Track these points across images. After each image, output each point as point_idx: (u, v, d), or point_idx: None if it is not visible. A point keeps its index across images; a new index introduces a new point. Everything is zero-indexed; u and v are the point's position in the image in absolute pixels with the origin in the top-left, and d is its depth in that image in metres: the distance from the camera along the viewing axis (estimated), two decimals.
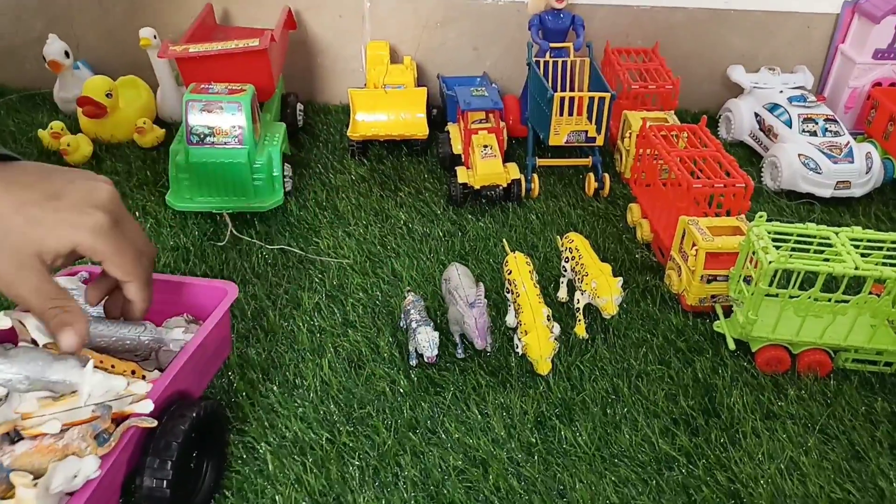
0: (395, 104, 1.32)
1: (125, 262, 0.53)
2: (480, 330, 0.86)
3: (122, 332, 0.73)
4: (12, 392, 0.63)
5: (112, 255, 0.51)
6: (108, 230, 0.51)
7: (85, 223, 0.49)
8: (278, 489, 0.75)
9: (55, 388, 0.62)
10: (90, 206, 0.50)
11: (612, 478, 0.77)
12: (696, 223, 1.00)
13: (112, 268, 0.52)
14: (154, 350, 0.75)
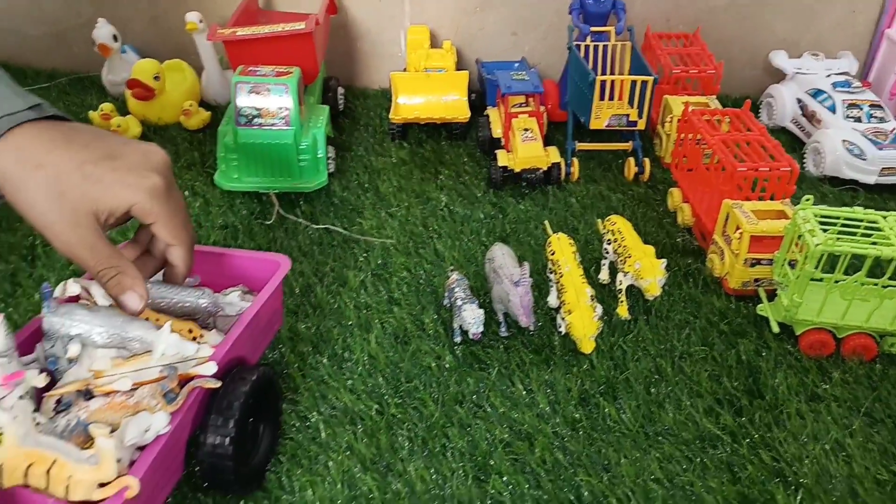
0: (436, 87, 1.33)
1: (176, 226, 0.54)
2: (525, 308, 0.87)
3: (181, 296, 0.75)
4: (86, 350, 0.66)
5: (165, 217, 0.52)
6: (163, 193, 0.52)
7: (142, 185, 0.50)
8: (331, 456, 0.77)
9: (131, 345, 0.65)
10: (146, 168, 0.51)
11: (657, 454, 0.78)
12: (740, 206, 1.00)
13: (162, 230, 0.52)
14: (211, 315, 0.78)
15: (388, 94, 1.54)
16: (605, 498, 0.73)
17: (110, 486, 0.56)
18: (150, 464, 0.59)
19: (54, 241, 0.47)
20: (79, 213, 0.46)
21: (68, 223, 0.46)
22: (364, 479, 0.75)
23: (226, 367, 0.71)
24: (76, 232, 0.46)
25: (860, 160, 1.23)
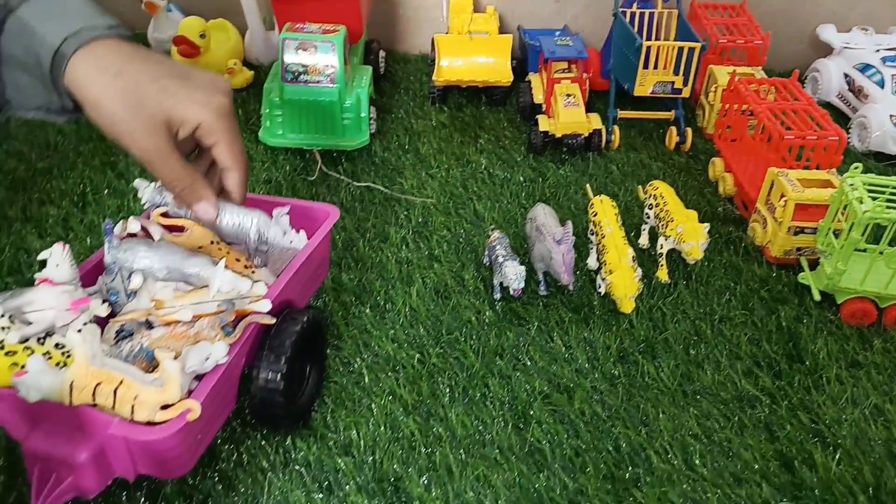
0: (479, 50, 1.33)
1: (235, 149, 0.56)
2: (568, 265, 0.88)
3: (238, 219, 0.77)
4: (147, 283, 0.68)
5: (228, 138, 0.53)
6: (227, 114, 0.54)
7: (211, 103, 0.52)
8: (374, 399, 0.79)
9: (189, 280, 0.67)
10: (214, 90, 0.53)
11: (694, 412, 0.79)
12: (785, 175, 0.99)
13: (223, 152, 0.54)
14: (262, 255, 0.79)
15: (427, 60, 1.54)
16: (643, 450, 0.75)
17: (173, 408, 0.58)
18: (210, 391, 0.61)
19: (132, 147, 0.49)
20: (155, 121, 0.48)
21: (146, 130, 0.48)
22: (406, 423, 0.77)
23: (277, 307, 0.73)
24: (153, 140, 0.48)
25: None
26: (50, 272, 0.66)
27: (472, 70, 1.33)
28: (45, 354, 0.60)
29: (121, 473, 0.62)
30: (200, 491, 0.69)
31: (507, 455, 0.74)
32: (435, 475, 0.72)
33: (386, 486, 0.70)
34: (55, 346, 0.62)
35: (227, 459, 0.72)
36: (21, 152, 1.22)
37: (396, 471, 0.72)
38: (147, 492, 0.68)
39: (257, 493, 0.69)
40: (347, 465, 0.72)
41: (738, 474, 0.72)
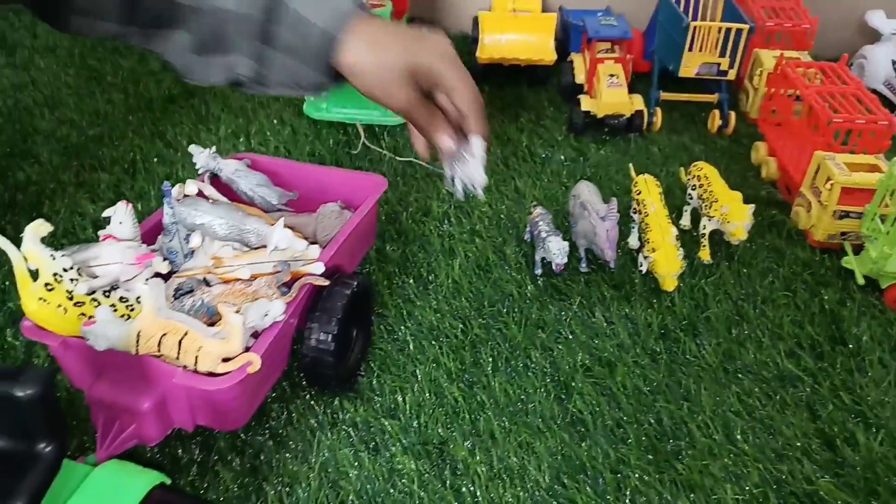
0: (523, 28, 1.33)
1: (469, 92, 0.60)
2: (612, 241, 0.89)
3: None
4: (206, 242, 0.70)
5: (462, 83, 0.59)
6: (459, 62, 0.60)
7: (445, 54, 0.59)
8: (418, 366, 0.81)
9: (247, 236, 0.69)
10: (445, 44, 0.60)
11: (736, 389, 0.79)
12: (832, 158, 0.98)
13: (459, 97, 0.59)
14: None
15: (469, 38, 1.54)
16: (685, 424, 0.75)
17: (234, 360, 0.60)
18: (267, 346, 0.63)
19: (389, 102, 0.57)
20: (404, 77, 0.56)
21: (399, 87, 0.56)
22: (450, 389, 0.78)
23: (328, 271, 0.75)
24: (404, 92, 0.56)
25: None
26: (114, 229, 0.69)
27: (514, 47, 1.33)
28: (111, 307, 0.63)
29: (180, 424, 0.64)
30: (252, 446, 0.71)
31: (550, 424, 0.75)
32: (478, 440, 0.73)
33: (431, 448, 0.72)
34: (119, 299, 0.64)
35: (277, 417, 0.74)
36: (72, 120, 1.25)
37: (441, 434, 0.73)
38: (202, 445, 0.70)
39: (307, 450, 0.71)
40: (393, 427, 0.73)
41: (780, 450, 0.73)
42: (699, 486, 0.69)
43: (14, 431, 0.48)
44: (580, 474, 0.70)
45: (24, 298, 0.61)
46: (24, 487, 0.47)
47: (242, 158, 0.89)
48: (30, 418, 0.48)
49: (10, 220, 1.01)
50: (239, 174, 0.87)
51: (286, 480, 0.68)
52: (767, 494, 0.69)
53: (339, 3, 0.56)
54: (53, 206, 1.04)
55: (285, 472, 0.69)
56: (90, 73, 1.40)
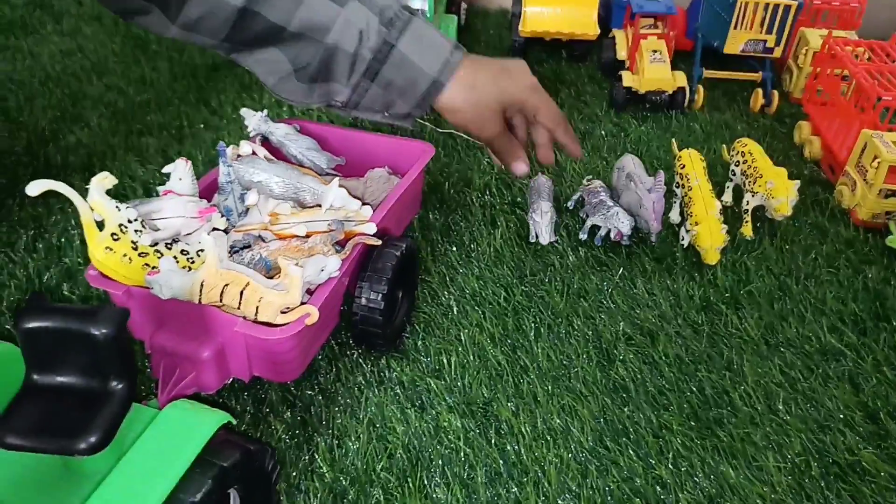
0: (566, 2, 1.33)
1: (552, 113, 0.67)
2: (658, 213, 0.89)
3: None
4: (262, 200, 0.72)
5: (545, 107, 0.66)
6: (540, 88, 0.67)
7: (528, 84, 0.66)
8: (462, 330, 0.82)
9: (302, 195, 0.71)
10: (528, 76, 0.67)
11: (779, 361, 0.80)
12: (880, 137, 0.97)
13: (545, 117, 0.66)
14: None
15: (507, 14, 1.54)
16: (727, 393, 0.76)
17: (293, 312, 0.62)
18: (324, 300, 0.64)
19: (479, 135, 0.64)
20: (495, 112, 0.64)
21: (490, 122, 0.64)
22: (494, 353, 0.80)
23: (379, 233, 0.77)
24: (493, 126, 0.64)
25: None
26: (174, 184, 0.70)
27: (557, 21, 1.32)
28: (173, 258, 0.65)
29: (237, 373, 0.66)
30: (302, 400, 0.73)
31: (592, 388, 0.76)
32: (522, 402, 0.74)
33: (475, 408, 0.74)
34: (181, 252, 0.66)
35: (326, 374, 0.76)
36: (119, 87, 1.27)
37: (485, 395, 0.75)
38: (254, 397, 0.73)
39: (355, 406, 0.73)
40: (439, 387, 0.75)
41: (822, 421, 0.73)
42: (741, 453, 0.70)
43: (89, 369, 0.50)
44: (623, 438, 0.71)
45: (91, 247, 0.63)
46: (99, 422, 0.49)
47: (292, 123, 0.91)
48: (104, 356, 0.50)
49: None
50: (290, 138, 0.88)
51: (336, 433, 0.70)
52: (810, 463, 0.69)
53: (444, 50, 0.61)
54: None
55: (334, 425, 0.71)
56: (136, 41, 1.43)
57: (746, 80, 1.31)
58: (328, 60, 0.62)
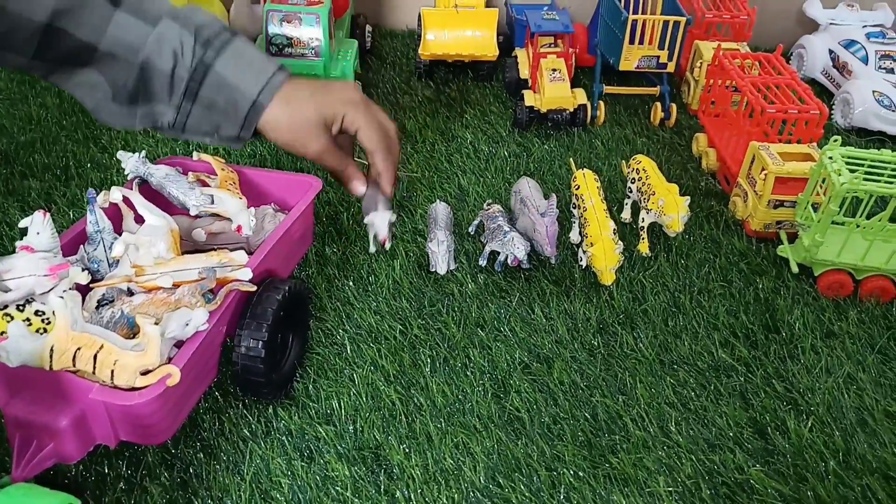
0: (465, 24, 1.33)
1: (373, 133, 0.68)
2: (551, 237, 0.89)
3: None
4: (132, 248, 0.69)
5: (365, 125, 0.66)
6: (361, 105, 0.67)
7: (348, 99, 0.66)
8: (355, 370, 0.80)
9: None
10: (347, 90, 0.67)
11: (672, 381, 0.80)
12: (766, 148, 1.00)
13: (364, 136, 0.66)
14: None
15: (415, 35, 1.53)
16: (620, 417, 0.76)
17: (153, 373, 0.59)
18: (190, 357, 0.61)
19: (304, 152, 0.64)
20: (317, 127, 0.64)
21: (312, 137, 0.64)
22: (387, 392, 0.78)
23: (260, 276, 0.74)
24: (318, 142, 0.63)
25: (889, 111, 1.22)
26: (31, 239, 0.66)
27: (458, 44, 1.32)
28: (26, 321, 0.61)
29: (102, 440, 0.63)
30: (182, 459, 0.69)
31: (487, 423, 0.75)
32: (415, 443, 0.73)
33: (366, 453, 0.71)
34: (35, 313, 0.62)
35: (209, 428, 0.72)
36: (3, 126, 1.21)
37: (377, 439, 0.73)
38: (129, 460, 0.69)
39: (239, 461, 0.70)
40: (328, 434, 0.73)
41: (713, 441, 0.74)
42: (633, 480, 0.70)
43: None
44: (515, 473, 0.70)
45: None
46: None
47: (174, 164, 0.87)
48: None
49: None
50: (170, 178, 0.85)
51: (216, 494, 0.67)
52: (700, 485, 0.70)
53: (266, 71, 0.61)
54: None
55: (216, 484, 0.68)
56: (22, 76, 1.36)
57: (647, 95, 1.34)
58: (145, 81, 0.61)
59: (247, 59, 0.65)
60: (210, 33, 0.63)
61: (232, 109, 0.63)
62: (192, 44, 0.61)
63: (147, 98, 0.60)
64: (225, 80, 0.63)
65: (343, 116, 0.66)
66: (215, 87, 0.63)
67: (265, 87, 0.63)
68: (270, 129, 0.63)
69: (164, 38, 0.61)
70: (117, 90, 0.60)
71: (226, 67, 0.63)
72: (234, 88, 0.63)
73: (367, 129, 0.67)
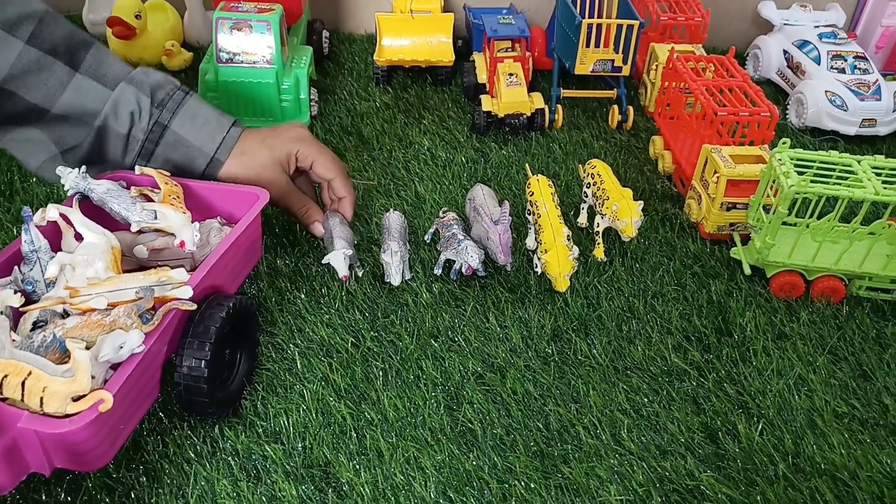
0: (421, 29, 1.32)
1: (327, 161, 0.74)
2: (504, 246, 0.88)
3: None
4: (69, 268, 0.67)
5: (317, 156, 0.72)
6: (309, 139, 0.73)
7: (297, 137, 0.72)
8: (306, 385, 0.79)
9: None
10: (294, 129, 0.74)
11: (625, 387, 0.80)
12: (718, 151, 1.00)
13: (320, 168, 0.71)
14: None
15: (373, 39, 1.52)
16: (573, 426, 0.76)
17: (84, 399, 0.57)
18: (125, 381, 0.60)
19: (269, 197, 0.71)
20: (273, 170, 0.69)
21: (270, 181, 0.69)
22: (338, 407, 0.76)
23: (203, 293, 0.72)
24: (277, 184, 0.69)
25: (841, 111, 1.24)
26: None
27: (414, 50, 1.31)
28: None
29: (36, 468, 0.61)
30: (123, 484, 0.68)
31: (439, 436, 0.74)
32: (365, 459, 0.72)
33: (315, 471, 0.70)
34: None
35: (153, 451, 0.71)
36: None
37: (326, 456, 0.72)
38: (68, 487, 0.67)
39: (183, 484, 0.68)
40: (276, 453, 0.71)
41: (665, 447, 0.74)
42: (585, 489, 0.70)
43: None
44: (466, 486, 0.69)
45: None
46: None
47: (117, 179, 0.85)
48: None
49: None
50: (112, 194, 0.82)
51: None
52: (651, 493, 0.69)
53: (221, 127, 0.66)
54: None
55: None
56: None
57: (605, 98, 1.34)
58: (100, 142, 0.68)
59: (202, 117, 0.70)
60: (164, 94, 0.66)
61: (189, 165, 0.68)
62: (148, 105, 0.64)
63: (101, 157, 0.65)
64: (181, 138, 0.69)
65: (296, 153, 0.72)
66: (171, 145, 0.68)
67: (221, 144, 0.69)
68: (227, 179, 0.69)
69: (121, 101, 0.64)
70: (66, 150, 0.65)
71: (181, 126, 0.68)
72: (191, 146, 0.69)
73: (322, 159, 0.73)
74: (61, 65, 0.61)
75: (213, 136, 0.64)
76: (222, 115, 0.66)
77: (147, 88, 0.61)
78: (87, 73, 0.63)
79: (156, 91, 0.61)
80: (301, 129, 0.70)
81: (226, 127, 0.65)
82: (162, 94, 0.62)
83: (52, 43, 0.61)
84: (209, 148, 0.64)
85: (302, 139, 0.68)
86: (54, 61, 0.61)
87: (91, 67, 0.62)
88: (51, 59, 0.60)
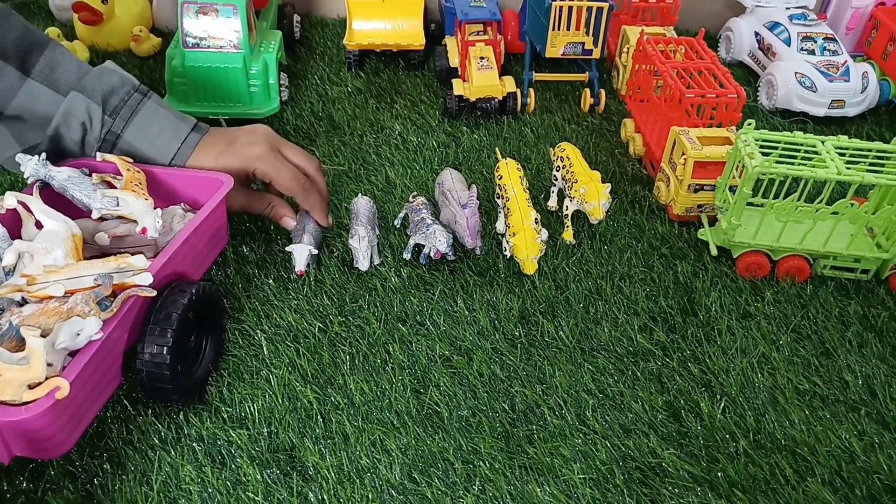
0: (392, 13, 1.31)
1: (283, 179, 0.72)
2: (472, 229, 0.89)
3: None
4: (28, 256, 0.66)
5: (276, 175, 0.71)
6: (267, 156, 0.71)
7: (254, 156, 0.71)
8: (272, 371, 0.79)
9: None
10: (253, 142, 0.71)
11: (590, 367, 0.81)
12: (686, 133, 1.01)
13: (280, 185, 0.72)
14: None
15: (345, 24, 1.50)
16: (538, 406, 0.76)
17: (40, 387, 0.56)
18: (83, 368, 0.59)
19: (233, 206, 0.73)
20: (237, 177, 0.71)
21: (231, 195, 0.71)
22: (304, 392, 0.76)
23: (165, 280, 0.72)
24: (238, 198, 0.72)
25: (811, 92, 1.25)
26: None
27: (384, 34, 1.30)
28: None
29: None
30: (87, 470, 0.67)
31: (405, 419, 0.74)
32: (331, 443, 0.72)
33: (280, 456, 0.70)
34: None
35: (117, 437, 0.70)
36: None
37: (291, 441, 0.72)
38: (30, 475, 0.67)
39: (147, 470, 0.68)
40: (241, 438, 0.71)
41: (628, 426, 0.75)
42: (549, 469, 0.70)
43: None
44: (431, 468, 0.70)
45: None
46: None
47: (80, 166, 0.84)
48: None
49: None
50: (73, 181, 0.81)
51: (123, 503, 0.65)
52: (614, 470, 0.70)
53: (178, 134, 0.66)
54: None
55: (122, 495, 0.66)
56: None
57: (577, 81, 1.34)
58: (56, 146, 0.68)
59: (157, 126, 0.69)
60: (118, 101, 0.65)
61: None
62: (100, 115, 0.64)
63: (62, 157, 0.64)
64: (135, 149, 0.69)
65: (252, 171, 0.72)
66: (126, 154, 0.69)
67: (176, 155, 0.69)
68: None
69: (71, 111, 0.64)
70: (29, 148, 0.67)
71: (135, 136, 0.68)
72: (144, 156, 0.69)
73: (278, 178, 0.73)
74: (11, 69, 0.61)
75: (168, 146, 0.65)
76: (180, 121, 0.65)
77: (98, 96, 0.61)
78: (38, 78, 0.63)
79: (108, 98, 0.61)
80: (259, 145, 0.69)
81: (182, 135, 0.64)
82: (115, 100, 0.62)
83: (1, 46, 0.61)
84: (164, 159, 0.65)
85: (259, 157, 0.68)
86: (5, 65, 0.60)
87: (43, 73, 0.62)
88: (1, 63, 0.59)
